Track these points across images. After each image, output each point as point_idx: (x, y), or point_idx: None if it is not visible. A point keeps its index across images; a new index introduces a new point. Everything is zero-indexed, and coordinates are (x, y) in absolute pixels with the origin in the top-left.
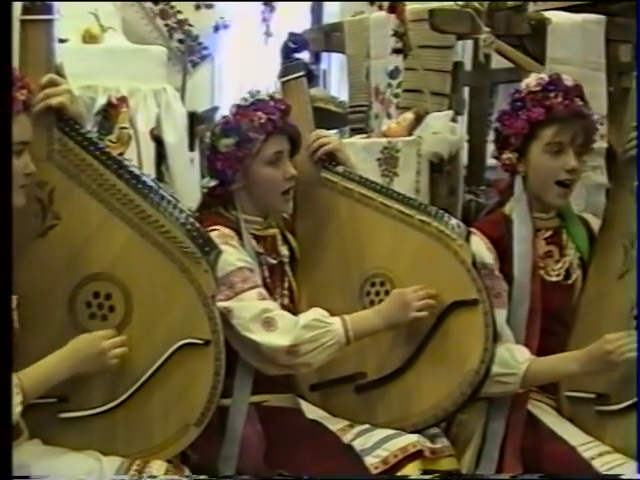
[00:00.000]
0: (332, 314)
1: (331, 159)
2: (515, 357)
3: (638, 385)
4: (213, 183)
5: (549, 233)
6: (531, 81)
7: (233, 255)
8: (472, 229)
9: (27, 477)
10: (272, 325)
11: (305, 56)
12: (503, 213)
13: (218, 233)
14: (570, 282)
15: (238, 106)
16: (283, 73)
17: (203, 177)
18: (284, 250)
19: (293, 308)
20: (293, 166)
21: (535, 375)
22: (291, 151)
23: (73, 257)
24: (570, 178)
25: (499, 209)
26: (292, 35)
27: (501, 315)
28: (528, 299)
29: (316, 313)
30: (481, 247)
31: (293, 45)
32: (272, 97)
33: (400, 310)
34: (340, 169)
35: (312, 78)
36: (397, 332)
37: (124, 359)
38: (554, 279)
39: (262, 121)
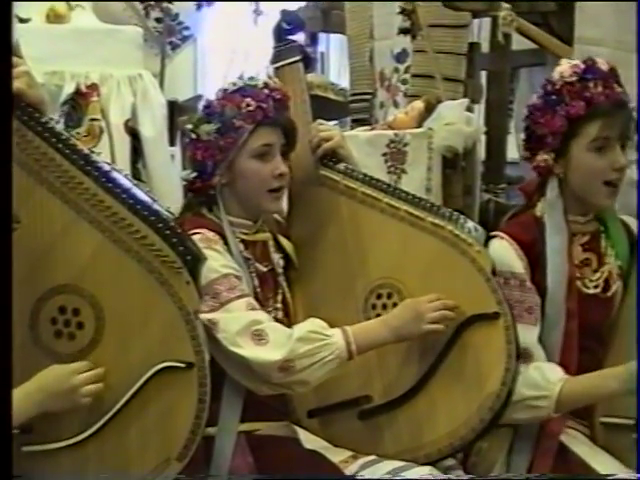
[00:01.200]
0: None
1: (331, 155)
2: (546, 377)
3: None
4: (193, 175)
5: (586, 238)
6: (565, 70)
7: (217, 261)
8: (499, 233)
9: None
10: (263, 338)
11: (301, 38)
12: (534, 215)
13: (200, 237)
14: (609, 294)
15: (224, 90)
16: (276, 58)
17: None
18: (277, 257)
19: (288, 323)
20: (287, 163)
21: (570, 397)
22: (286, 147)
23: (35, 266)
24: (619, 177)
25: (529, 210)
26: (286, 14)
27: (532, 333)
28: (564, 316)
29: (313, 324)
30: (510, 253)
31: (287, 25)
32: (267, 85)
33: (412, 321)
34: (341, 166)
35: (309, 63)
36: (407, 349)
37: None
38: (592, 291)
39: (250, 109)
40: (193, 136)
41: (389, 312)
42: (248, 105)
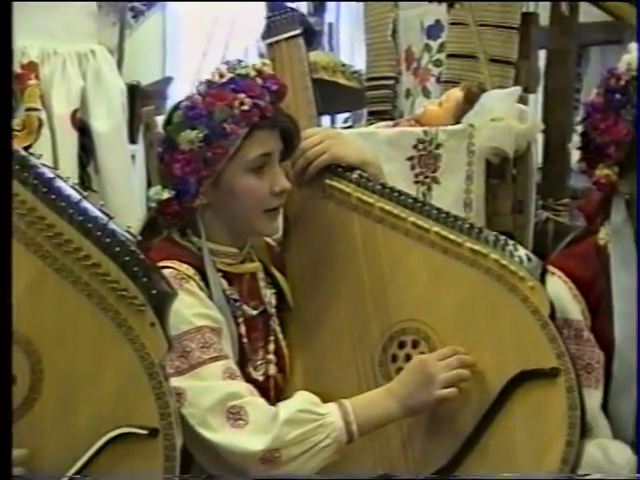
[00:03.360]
0: (341, 391)
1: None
2: (611, 458)
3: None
4: (167, 195)
5: None
6: (634, 60)
7: (190, 308)
8: (549, 267)
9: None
10: (241, 418)
11: (302, 5)
12: (596, 243)
13: (170, 272)
14: None
15: (209, 83)
16: (269, 31)
17: (150, 185)
18: (269, 294)
19: (282, 380)
20: (287, 172)
21: None
22: (284, 153)
23: None
24: None
25: (590, 236)
26: None
27: (592, 398)
28: (638, 378)
29: (303, 400)
30: (563, 295)
31: None
32: (260, 72)
33: (421, 387)
34: (354, 174)
35: (312, 38)
36: (436, 415)
37: (33, 454)
38: None
39: (245, 108)
40: (169, 144)
41: None
42: (242, 103)
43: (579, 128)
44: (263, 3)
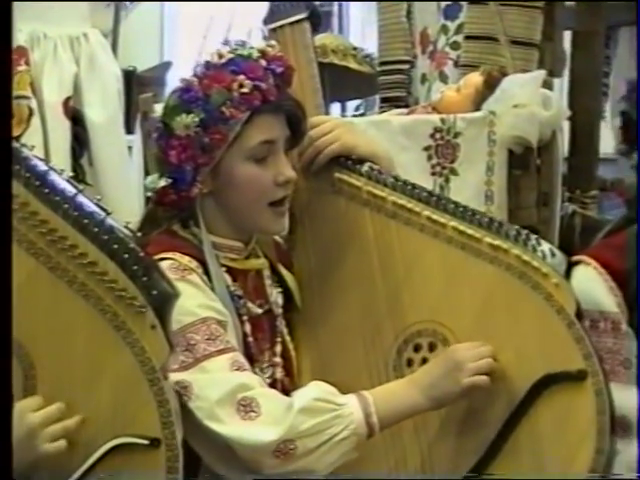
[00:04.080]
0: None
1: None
2: None
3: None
4: (164, 183)
5: None
6: None
7: (193, 299)
8: (584, 257)
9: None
10: (252, 410)
11: None
12: (634, 234)
13: (171, 264)
14: None
15: (207, 64)
16: (272, 15)
17: (147, 174)
18: (275, 293)
19: (290, 384)
20: (293, 162)
21: None
22: (291, 141)
23: None
24: None
25: (628, 227)
26: None
27: (631, 395)
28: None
29: (319, 389)
30: (598, 286)
31: None
32: (264, 53)
33: (448, 375)
34: (365, 167)
35: (318, 22)
36: (456, 418)
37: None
38: None
39: (245, 90)
40: (165, 130)
41: None
42: (241, 85)
43: (608, 115)
44: None
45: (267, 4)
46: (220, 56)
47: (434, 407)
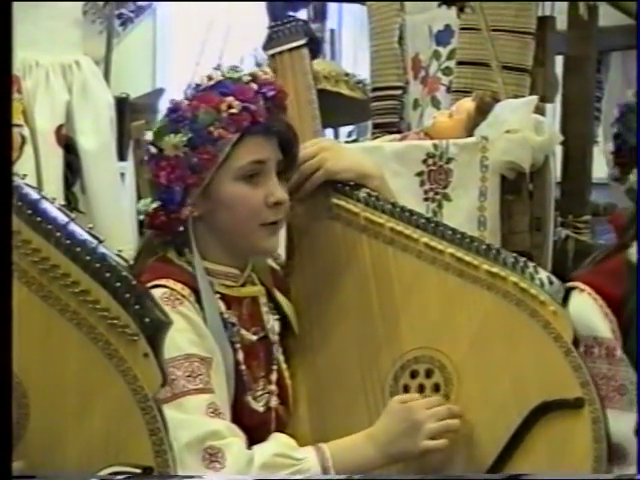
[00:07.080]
0: (349, 423)
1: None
2: None
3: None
4: (155, 205)
5: None
6: None
7: (182, 333)
8: (577, 283)
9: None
10: (217, 460)
11: (304, 13)
12: (626, 260)
13: (163, 292)
14: None
15: (197, 86)
16: (271, 41)
17: (140, 198)
18: (272, 320)
19: (284, 413)
20: (286, 186)
21: None
22: (284, 165)
23: None
24: None
25: (620, 253)
26: None
27: (626, 422)
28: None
29: (278, 444)
30: (593, 312)
31: None
32: (255, 77)
33: (405, 435)
34: (362, 193)
35: (317, 48)
36: (450, 449)
37: None
38: None
39: (234, 111)
40: (154, 151)
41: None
42: (230, 107)
43: (601, 139)
44: (262, 9)
45: (260, 31)
46: (210, 79)
47: (391, 463)
